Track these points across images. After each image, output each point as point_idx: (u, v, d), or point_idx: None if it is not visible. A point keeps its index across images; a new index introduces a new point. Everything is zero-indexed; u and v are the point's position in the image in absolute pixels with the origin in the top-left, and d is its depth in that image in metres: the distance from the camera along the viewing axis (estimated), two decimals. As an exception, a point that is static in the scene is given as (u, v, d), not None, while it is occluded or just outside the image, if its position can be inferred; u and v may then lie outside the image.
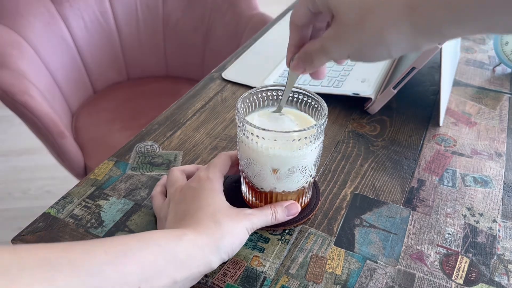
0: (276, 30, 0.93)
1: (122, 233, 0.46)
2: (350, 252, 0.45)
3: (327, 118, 0.43)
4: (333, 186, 0.53)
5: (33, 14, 1.21)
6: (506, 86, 0.75)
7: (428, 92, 0.72)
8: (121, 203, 0.50)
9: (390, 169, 0.56)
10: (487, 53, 0.85)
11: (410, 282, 0.42)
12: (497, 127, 0.65)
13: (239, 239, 0.40)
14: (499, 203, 0.51)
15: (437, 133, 0.63)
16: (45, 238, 0.45)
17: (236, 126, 0.62)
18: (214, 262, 0.38)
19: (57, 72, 1.26)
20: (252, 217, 0.42)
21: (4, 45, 1.11)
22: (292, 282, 0.42)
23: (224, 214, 0.40)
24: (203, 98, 0.70)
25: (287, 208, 0.45)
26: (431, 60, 0.80)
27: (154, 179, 0.53)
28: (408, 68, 0.60)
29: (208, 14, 1.42)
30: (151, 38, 1.46)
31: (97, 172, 0.54)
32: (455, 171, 0.56)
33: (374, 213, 0.49)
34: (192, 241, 0.37)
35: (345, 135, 0.62)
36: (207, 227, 0.39)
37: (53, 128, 1.03)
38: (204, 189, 0.42)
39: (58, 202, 0.50)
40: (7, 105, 1.02)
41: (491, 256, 0.45)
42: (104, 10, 1.36)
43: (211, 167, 0.45)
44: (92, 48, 1.36)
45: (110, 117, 1.28)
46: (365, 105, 0.66)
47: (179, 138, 0.61)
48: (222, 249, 0.38)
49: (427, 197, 0.52)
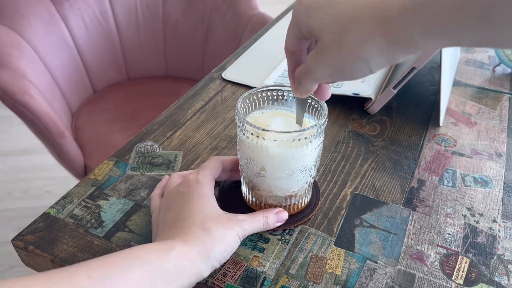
0: (276, 30, 0.93)
1: (122, 233, 0.46)
2: (350, 252, 0.45)
3: (327, 118, 0.43)
4: (333, 186, 0.53)
5: (33, 14, 1.21)
6: (506, 86, 0.75)
7: (428, 92, 0.72)
8: (121, 203, 0.50)
9: (390, 169, 0.56)
10: (487, 53, 0.85)
11: (410, 282, 0.42)
12: (497, 127, 0.65)
13: (230, 246, 0.39)
14: (499, 203, 0.51)
15: (437, 133, 0.63)
16: (45, 238, 0.45)
17: (236, 126, 0.62)
18: (205, 271, 0.37)
19: (57, 72, 1.26)
20: (244, 224, 0.41)
21: (4, 45, 1.11)
22: (292, 282, 0.42)
23: (214, 221, 0.39)
24: (203, 98, 0.70)
25: (277, 214, 0.44)
26: (431, 60, 0.80)
27: (154, 179, 0.53)
28: (408, 68, 0.60)
29: (208, 14, 1.42)
30: (151, 38, 1.46)
31: (97, 172, 0.54)
32: (455, 171, 0.56)
33: (374, 213, 0.49)
34: (181, 253, 0.36)
35: (345, 135, 0.62)
36: (197, 236, 0.38)
37: (53, 128, 1.03)
38: (193, 195, 0.41)
39: (58, 202, 0.50)
40: (7, 105, 1.02)
41: (491, 256, 0.45)
42: (104, 10, 1.36)
43: (201, 170, 0.44)
44: (92, 48, 1.36)
45: (110, 117, 1.28)
46: (365, 105, 0.66)
47: (179, 138, 0.61)
48: (213, 258, 0.38)
49: (427, 197, 0.52)
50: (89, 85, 1.39)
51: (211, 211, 0.40)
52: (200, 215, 0.40)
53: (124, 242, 0.45)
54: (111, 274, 0.32)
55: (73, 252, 0.44)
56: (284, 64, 0.77)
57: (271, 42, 0.87)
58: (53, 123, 1.03)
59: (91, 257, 0.43)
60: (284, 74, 0.74)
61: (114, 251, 0.44)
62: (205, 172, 0.44)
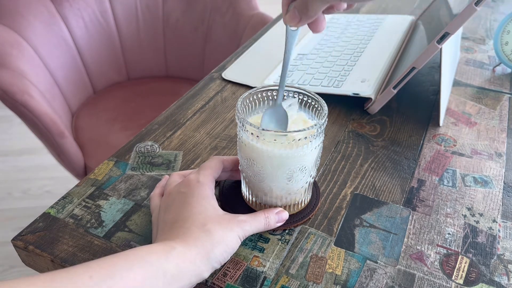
0: (276, 30, 0.93)
1: (122, 233, 0.46)
2: (350, 252, 0.45)
3: (327, 118, 0.43)
4: (333, 186, 0.53)
5: (33, 14, 1.21)
6: (506, 86, 0.75)
7: (428, 92, 0.72)
8: (121, 203, 0.50)
9: (390, 169, 0.56)
10: (487, 53, 0.85)
11: (410, 282, 0.42)
12: (497, 127, 0.65)
13: (231, 247, 0.39)
14: (499, 203, 0.51)
15: (437, 133, 0.63)
16: (45, 238, 0.45)
17: (236, 126, 0.62)
18: (205, 272, 0.37)
19: (57, 72, 1.26)
20: (245, 224, 0.41)
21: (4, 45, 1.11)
22: (292, 282, 0.42)
23: (214, 222, 0.39)
24: (203, 98, 0.70)
25: (277, 214, 0.44)
26: (431, 60, 0.80)
27: (154, 179, 0.53)
28: (408, 68, 0.60)
29: (208, 14, 1.42)
30: (151, 38, 1.46)
31: (97, 172, 0.54)
32: (455, 171, 0.56)
33: (374, 213, 0.49)
34: (182, 254, 0.36)
35: (345, 135, 0.62)
36: (197, 238, 0.38)
37: (53, 128, 1.03)
38: (194, 195, 0.41)
39: (58, 202, 0.50)
40: (7, 105, 1.02)
41: (491, 256, 0.45)
42: (104, 10, 1.36)
43: (202, 170, 0.44)
44: (92, 48, 1.36)
45: (110, 117, 1.28)
46: (365, 105, 0.66)
47: (179, 138, 0.61)
48: (213, 259, 0.38)
49: (427, 197, 0.52)
50: (89, 85, 1.39)
51: (211, 212, 0.40)
52: (200, 216, 0.40)
53: (124, 242, 0.45)
54: (112, 274, 0.32)
55: (73, 252, 0.44)
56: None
57: (271, 42, 0.87)
58: (53, 123, 1.03)
59: (91, 257, 0.43)
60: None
61: (114, 251, 0.44)
62: (205, 172, 0.44)
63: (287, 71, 0.44)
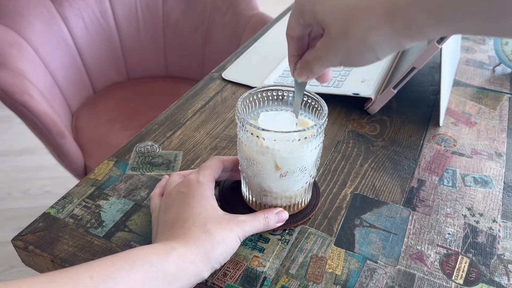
0: (276, 30, 0.93)
1: (122, 233, 0.46)
2: (350, 252, 0.45)
3: (327, 118, 0.43)
4: (333, 186, 0.53)
5: (33, 14, 1.21)
6: (506, 86, 0.75)
7: (428, 92, 0.72)
8: (121, 203, 0.50)
9: (390, 169, 0.56)
10: (487, 53, 0.85)
11: (410, 282, 0.42)
12: (497, 127, 0.65)
13: (231, 248, 0.39)
14: (499, 203, 0.51)
15: (437, 133, 0.63)
16: (45, 238, 0.45)
17: (236, 126, 0.62)
18: (205, 272, 0.37)
19: (57, 72, 1.26)
20: (245, 225, 0.41)
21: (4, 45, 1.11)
22: (292, 282, 0.42)
23: (215, 222, 0.39)
24: (203, 98, 0.70)
25: (277, 214, 0.44)
26: (431, 60, 0.80)
27: (154, 179, 0.53)
28: (408, 68, 0.60)
29: (208, 14, 1.42)
30: (151, 38, 1.46)
31: (97, 172, 0.54)
32: (455, 171, 0.56)
33: (374, 213, 0.49)
34: (182, 254, 0.36)
35: (345, 135, 0.62)
36: (197, 238, 0.38)
37: (53, 128, 1.03)
38: (194, 196, 0.41)
39: (58, 202, 0.50)
40: (7, 105, 1.02)
41: (491, 256, 0.45)
42: (104, 10, 1.36)
43: (202, 170, 0.44)
44: (92, 48, 1.36)
45: (110, 117, 1.28)
46: (365, 105, 0.66)
47: (179, 138, 0.61)
48: (213, 259, 0.38)
49: (427, 197, 0.52)
50: (89, 85, 1.40)
51: (211, 212, 0.40)
52: (200, 216, 0.40)
53: (124, 242, 0.45)
54: (113, 274, 0.32)
55: (73, 252, 0.44)
56: (284, 64, 0.77)
57: (271, 42, 0.88)
58: (53, 123, 1.03)
59: (91, 257, 0.43)
60: (284, 74, 0.74)
61: (114, 251, 0.44)
62: (206, 172, 0.44)
63: (298, 114, 0.45)
